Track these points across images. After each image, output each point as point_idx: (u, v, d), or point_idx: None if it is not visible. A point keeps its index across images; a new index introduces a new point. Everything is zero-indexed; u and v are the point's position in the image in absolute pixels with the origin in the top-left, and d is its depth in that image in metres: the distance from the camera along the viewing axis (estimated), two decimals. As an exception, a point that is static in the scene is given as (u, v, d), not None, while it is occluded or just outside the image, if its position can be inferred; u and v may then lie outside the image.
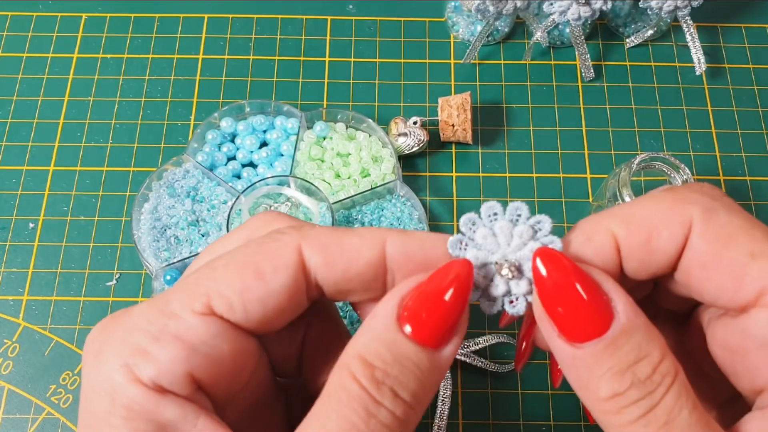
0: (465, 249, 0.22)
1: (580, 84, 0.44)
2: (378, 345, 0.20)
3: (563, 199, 0.41)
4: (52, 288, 0.38)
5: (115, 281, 0.38)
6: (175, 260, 0.37)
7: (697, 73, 0.43)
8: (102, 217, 0.40)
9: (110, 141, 0.42)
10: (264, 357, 0.24)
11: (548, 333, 0.20)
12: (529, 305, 0.22)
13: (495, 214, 0.22)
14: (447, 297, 0.20)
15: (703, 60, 0.43)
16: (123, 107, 0.43)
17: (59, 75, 0.44)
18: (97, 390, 0.20)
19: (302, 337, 0.25)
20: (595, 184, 0.41)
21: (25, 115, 0.43)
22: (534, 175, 0.42)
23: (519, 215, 0.22)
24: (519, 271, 0.22)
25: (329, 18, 0.46)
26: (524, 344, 0.24)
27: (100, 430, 0.20)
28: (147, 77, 0.44)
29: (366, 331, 0.20)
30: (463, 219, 0.22)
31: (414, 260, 0.21)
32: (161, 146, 0.42)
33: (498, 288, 0.22)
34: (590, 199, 0.41)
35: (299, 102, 0.43)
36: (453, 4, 0.45)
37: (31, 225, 0.40)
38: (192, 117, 0.43)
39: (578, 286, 0.20)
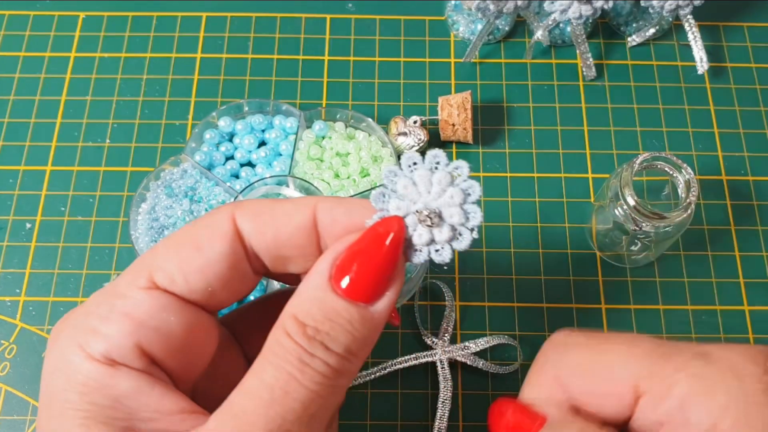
0: (388, 200, 0.22)
1: (581, 83, 0.44)
2: (309, 304, 0.21)
3: (564, 199, 0.41)
4: (50, 289, 0.38)
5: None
6: (173, 261, 0.37)
7: (699, 72, 0.43)
8: (99, 218, 0.40)
9: (108, 141, 0.42)
10: (228, 337, 0.26)
11: None
12: None
13: (414, 164, 0.22)
14: (378, 252, 0.21)
15: (705, 59, 0.43)
16: (120, 107, 0.43)
17: (56, 74, 0.44)
18: (53, 371, 0.21)
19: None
20: (596, 183, 0.41)
21: (22, 114, 0.43)
22: (535, 174, 0.41)
23: (437, 163, 0.22)
24: (440, 218, 0.22)
25: (328, 16, 0.46)
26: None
27: (57, 407, 0.21)
28: (145, 76, 0.44)
29: (299, 292, 0.21)
30: (384, 171, 0.22)
31: (342, 223, 0.22)
32: (159, 146, 0.42)
33: (422, 237, 0.22)
34: (592, 199, 0.41)
35: (298, 101, 0.43)
36: (453, 2, 0.45)
37: (28, 225, 0.40)
38: (190, 116, 0.43)
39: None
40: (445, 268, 0.36)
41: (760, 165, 0.42)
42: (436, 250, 0.22)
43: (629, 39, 0.45)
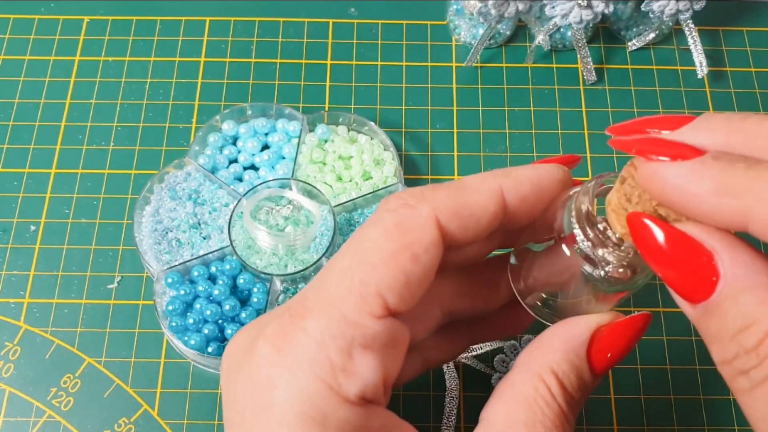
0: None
1: (582, 87, 0.44)
2: (569, 369, 0.22)
3: (565, 203, 0.41)
4: (54, 291, 0.38)
5: (116, 284, 0.38)
6: (177, 263, 0.37)
7: (699, 76, 0.43)
8: (103, 220, 0.40)
9: (112, 144, 0.42)
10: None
11: (671, 291, 0.19)
12: None
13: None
14: (632, 344, 0.23)
15: (704, 63, 0.43)
16: (124, 110, 0.43)
17: (61, 78, 0.44)
18: (303, 419, 0.19)
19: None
20: (597, 187, 0.41)
21: (27, 117, 0.43)
22: (536, 178, 0.41)
23: None
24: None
25: (331, 21, 0.46)
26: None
27: None
28: (149, 80, 0.44)
29: (559, 348, 0.22)
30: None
31: (529, 201, 0.23)
32: (163, 149, 0.42)
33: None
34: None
35: (301, 105, 0.43)
36: (455, 7, 0.45)
37: (33, 228, 0.40)
38: (193, 120, 0.43)
39: (677, 251, 0.18)
40: None
41: (760, 169, 0.42)
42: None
43: (629, 43, 0.45)
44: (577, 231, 0.22)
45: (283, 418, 0.20)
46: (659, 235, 0.19)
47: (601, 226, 0.22)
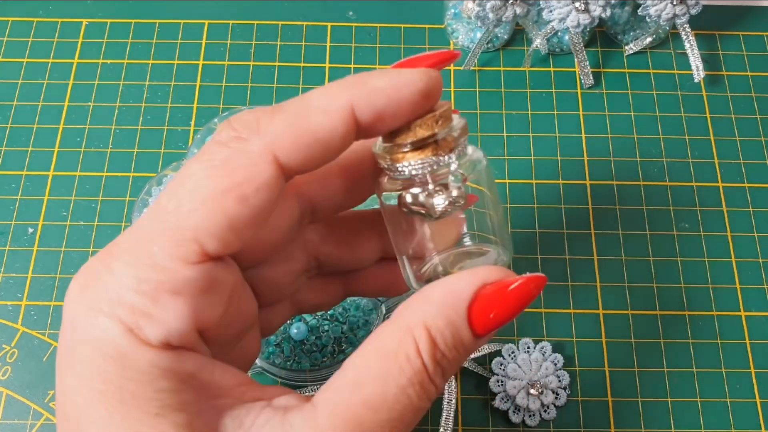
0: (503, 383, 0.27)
1: (579, 91, 0.44)
2: (445, 325, 0.20)
3: (563, 206, 0.41)
4: (51, 293, 0.38)
5: (114, 286, 0.38)
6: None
7: (696, 80, 0.44)
8: (101, 223, 0.40)
9: (110, 146, 0.42)
10: (244, 282, 0.23)
11: None
12: None
13: (513, 353, 0.27)
14: (519, 304, 0.21)
15: (701, 67, 0.43)
16: (123, 112, 0.43)
17: (59, 80, 0.44)
18: (99, 358, 0.19)
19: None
20: (594, 190, 0.41)
21: (25, 120, 0.43)
22: (533, 181, 0.42)
23: (528, 347, 0.27)
24: (544, 387, 0.28)
25: (329, 24, 0.46)
26: None
27: (117, 394, 0.18)
28: (147, 83, 0.44)
29: (435, 302, 0.20)
30: (494, 362, 0.26)
31: (386, 117, 0.21)
32: (161, 152, 0.42)
33: (536, 403, 0.32)
34: (589, 206, 0.41)
35: (299, 108, 0.43)
36: (453, 11, 0.45)
37: (30, 230, 0.40)
38: (192, 122, 0.43)
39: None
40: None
41: (757, 172, 0.42)
42: (545, 411, 0.34)
43: (626, 47, 0.45)
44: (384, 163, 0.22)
45: (83, 357, 0.19)
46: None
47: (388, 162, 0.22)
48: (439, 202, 0.22)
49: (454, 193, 0.22)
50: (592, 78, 0.44)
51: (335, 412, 0.19)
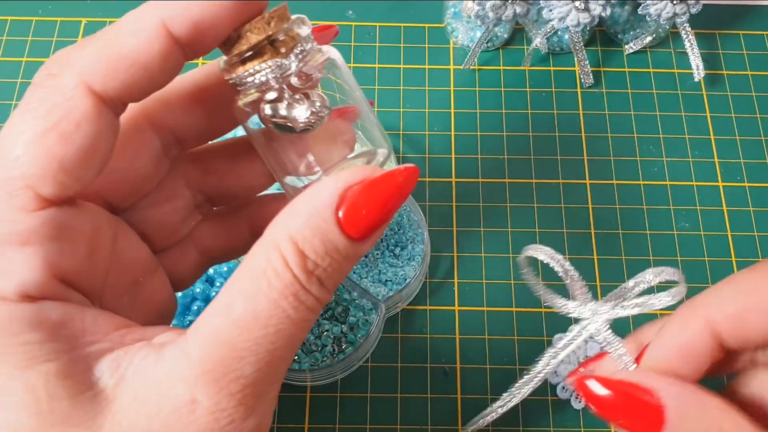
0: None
1: (579, 90, 0.44)
2: (312, 234, 0.19)
3: (562, 205, 0.41)
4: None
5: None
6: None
7: (696, 79, 0.43)
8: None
9: (109, 146, 0.42)
10: (122, 226, 0.23)
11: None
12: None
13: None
14: (393, 198, 0.20)
15: (701, 67, 0.43)
16: (122, 112, 0.43)
17: (58, 79, 0.44)
18: None
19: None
20: (594, 189, 0.41)
21: (24, 119, 0.43)
22: (533, 181, 0.42)
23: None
24: None
25: (329, 23, 0.46)
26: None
27: None
28: (146, 82, 0.44)
29: (300, 213, 0.19)
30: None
31: (204, 28, 0.19)
32: (160, 151, 0.42)
33: None
34: (589, 205, 0.41)
35: (299, 107, 0.43)
36: (452, 10, 0.45)
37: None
38: (191, 122, 0.43)
39: (622, 401, 0.21)
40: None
41: (756, 171, 0.42)
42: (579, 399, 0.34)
43: (626, 46, 0.45)
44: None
45: None
46: (604, 391, 0.22)
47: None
48: (301, 113, 0.21)
49: (315, 99, 0.21)
50: (592, 77, 0.44)
51: (206, 338, 0.19)
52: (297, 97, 0.21)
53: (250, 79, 0.20)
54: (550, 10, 0.42)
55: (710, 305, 0.22)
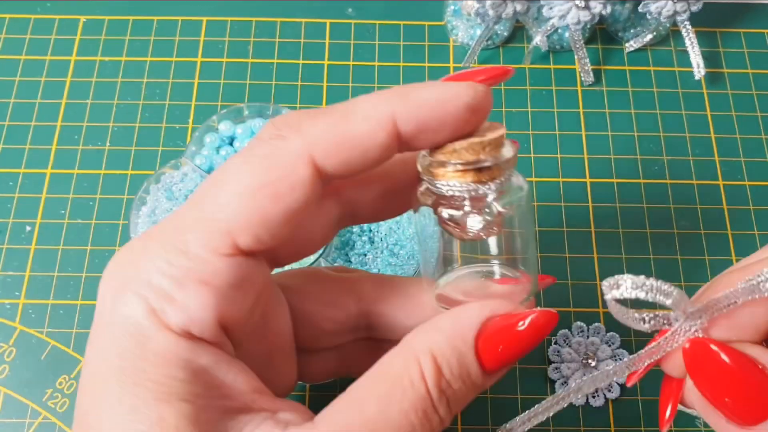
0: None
1: (579, 88, 0.44)
2: (451, 353, 0.20)
3: (563, 204, 0.41)
4: (49, 292, 0.38)
5: (112, 285, 0.38)
6: (173, 264, 0.37)
7: (696, 77, 0.43)
8: (99, 221, 0.40)
9: (108, 144, 0.42)
10: (276, 290, 0.24)
11: (714, 421, 0.20)
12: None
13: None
14: (530, 339, 0.20)
15: (702, 65, 0.43)
16: (121, 110, 0.43)
17: (57, 78, 0.44)
18: (122, 333, 0.19)
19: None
20: (594, 187, 0.41)
21: (23, 117, 0.43)
22: (533, 179, 0.41)
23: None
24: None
25: (328, 21, 0.46)
26: (669, 409, 0.23)
27: (132, 373, 0.19)
28: (145, 80, 0.44)
29: (443, 330, 0.20)
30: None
31: (428, 129, 0.20)
32: (159, 149, 0.42)
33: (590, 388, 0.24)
34: (589, 203, 0.41)
35: (298, 105, 0.43)
36: (452, 7, 0.45)
37: (28, 228, 0.40)
38: (190, 120, 0.43)
39: (740, 374, 0.19)
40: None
41: (757, 170, 0.42)
42: (609, 390, 0.34)
43: (627, 45, 0.45)
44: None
45: (107, 331, 0.20)
46: (726, 359, 0.19)
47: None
48: (473, 224, 0.21)
49: (489, 219, 0.21)
50: (592, 75, 0.44)
51: (334, 430, 0.19)
52: (473, 210, 0.21)
53: (443, 186, 0.21)
54: (551, 8, 0.42)
55: None
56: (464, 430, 0.35)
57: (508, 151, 0.22)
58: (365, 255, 0.38)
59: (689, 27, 0.43)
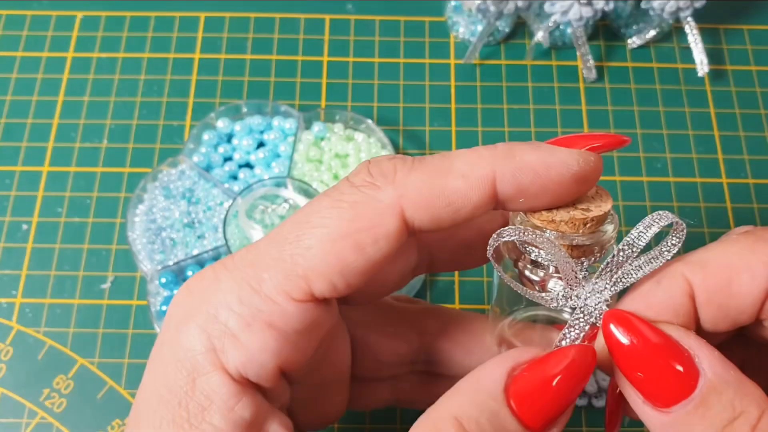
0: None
1: (581, 85, 0.44)
2: (478, 412, 0.18)
3: (564, 202, 0.40)
4: (46, 291, 0.38)
5: (109, 284, 0.38)
6: (170, 262, 0.37)
7: (700, 74, 0.43)
8: (96, 219, 0.40)
9: (105, 141, 0.42)
10: (341, 323, 0.23)
11: (633, 400, 0.18)
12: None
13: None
14: (557, 384, 0.18)
15: (705, 62, 0.43)
16: (118, 107, 0.43)
17: (53, 74, 0.44)
18: (177, 365, 0.19)
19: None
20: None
21: (19, 115, 0.42)
22: (535, 177, 0.41)
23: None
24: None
25: (327, 17, 0.46)
26: (613, 414, 0.22)
27: (172, 408, 0.18)
28: (142, 77, 0.43)
29: (465, 392, 0.18)
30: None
31: (529, 194, 0.19)
32: (156, 147, 0.42)
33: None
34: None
35: (297, 102, 0.43)
36: (453, 3, 0.45)
37: (25, 226, 0.39)
38: (188, 117, 0.42)
39: (657, 349, 0.18)
40: None
41: (761, 168, 0.42)
42: (596, 397, 0.31)
43: (629, 41, 0.45)
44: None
45: (164, 359, 0.19)
46: (644, 335, 0.18)
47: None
48: (554, 288, 0.20)
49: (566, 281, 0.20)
50: (594, 72, 0.44)
51: None
52: (557, 275, 0.20)
53: (533, 252, 0.20)
54: (553, 4, 0.41)
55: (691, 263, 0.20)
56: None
57: (609, 228, 0.20)
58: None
59: (692, 23, 0.42)
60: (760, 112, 0.43)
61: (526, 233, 0.19)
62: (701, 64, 0.43)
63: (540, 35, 0.43)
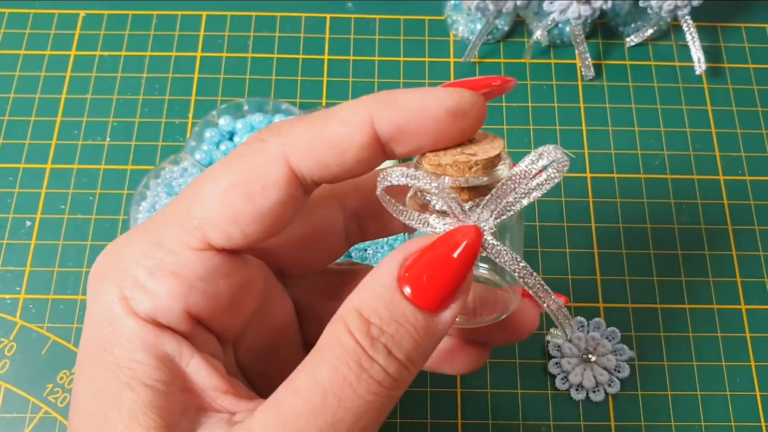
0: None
1: (580, 83, 0.44)
2: (376, 302, 0.19)
3: (563, 199, 0.41)
4: (49, 287, 0.38)
5: (112, 280, 0.38)
6: (173, 259, 0.37)
7: (697, 72, 0.43)
8: (99, 216, 0.40)
9: (108, 139, 0.42)
10: (277, 287, 0.24)
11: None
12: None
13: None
14: (451, 260, 0.19)
15: (703, 60, 0.43)
16: (120, 105, 0.43)
17: (56, 72, 0.44)
18: (98, 318, 0.21)
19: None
20: (594, 183, 0.41)
21: (22, 112, 0.43)
22: (533, 174, 0.41)
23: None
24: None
25: (328, 16, 0.46)
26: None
27: (101, 356, 0.20)
28: (145, 75, 0.44)
29: (365, 286, 0.20)
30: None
31: (408, 133, 0.20)
32: (159, 144, 0.42)
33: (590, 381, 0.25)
34: (589, 198, 0.41)
35: (298, 100, 0.43)
36: (452, 2, 0.45)
37: (28, 223, 0.40)
38: (190, 115, 0.43)
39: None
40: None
41: (757, 165, 0.42)
42: (610, 385, 0.34)
43: (628, 39, 0.45)
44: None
45: (89, 316, 0.21)
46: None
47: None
48: (438, 224, 0.21)
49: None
50: (592, 70, 0.44)
51: (269, 409, 0.19)
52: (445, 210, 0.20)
53: (428, 197, 0.21)
54: (551, 3, 0.41)
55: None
56: (464, 424, 0.35)
57: (501, 171, 0.21)
58: (365, 250, 0.38)
59: (690, 21, 0.43)
60: (757, 109, 0.44)
61: (409, 174, 0.20)
62: (699, 62, 0.43)
63: (539, 34, 0.43)
